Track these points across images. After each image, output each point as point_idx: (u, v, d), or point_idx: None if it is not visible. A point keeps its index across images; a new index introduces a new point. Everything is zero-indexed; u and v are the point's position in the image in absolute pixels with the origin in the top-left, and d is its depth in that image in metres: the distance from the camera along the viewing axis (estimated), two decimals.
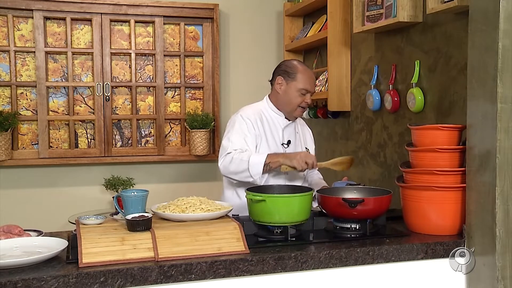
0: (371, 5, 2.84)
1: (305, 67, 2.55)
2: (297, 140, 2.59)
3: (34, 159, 3.85)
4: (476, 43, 1.87)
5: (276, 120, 2.54)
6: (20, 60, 3.86)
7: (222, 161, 2.35)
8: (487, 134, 1.81)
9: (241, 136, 2.39)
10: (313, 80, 2.52)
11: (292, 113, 2.52)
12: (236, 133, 2.40)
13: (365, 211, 1.98)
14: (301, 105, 2.49)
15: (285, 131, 2.54)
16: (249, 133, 2.41)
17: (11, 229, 1.87)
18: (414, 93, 2.61)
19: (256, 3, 4.26)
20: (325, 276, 1.81)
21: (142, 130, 4.14)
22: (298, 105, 2.48)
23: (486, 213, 1.82)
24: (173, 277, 1.63)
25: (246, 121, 2.43)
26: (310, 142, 2.72)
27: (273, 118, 2.54)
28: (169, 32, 4.13)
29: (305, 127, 2.75)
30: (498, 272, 1.78)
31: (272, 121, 2.53)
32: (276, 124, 2.53)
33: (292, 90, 2.47)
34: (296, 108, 2.49)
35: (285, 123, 2.55)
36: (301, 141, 2.62)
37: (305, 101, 2.48)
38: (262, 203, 1.89)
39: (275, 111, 2.54)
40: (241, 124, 2.43)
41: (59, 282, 1.52)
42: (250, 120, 2.44)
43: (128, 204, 1.84)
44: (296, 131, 2.61)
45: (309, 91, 2.49)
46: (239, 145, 2.36)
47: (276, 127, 2.53)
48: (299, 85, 2.46)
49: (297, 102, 2.48)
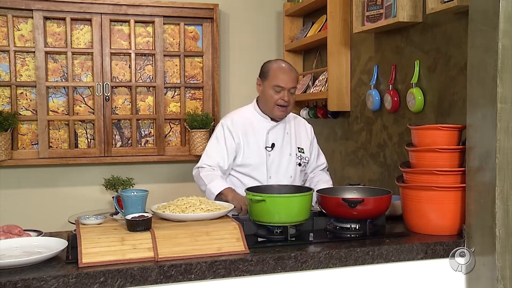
0: (371, 5, 2.84)
1: (281, 64, 2.50)
2: (285, 141, 2.56)
3: (34, 159, 3.85)
4: (476, 43, 1.87)
5: (261, 123, 2.54)
6: (20, 60, 3.86)
7: (194, 172, 2.54)
8: (487, 134, 1.81)
9: (217, 150, 2.50)
10: (288, 77, 2.44)
11: (272, 113, 2.50)
12: (213, 146, 2.52)
13: (365, 211, 1.98)
14: (278, 103, 2.45)
15: (271, 134, 2.53)
16: (226, 143, 2.48)
17: (11, 229, 1.87)
18: (414, 93, 2.61)
19: (256, 3, 4.26)
20: (325, 276, 1.81)
21: (142, 130, 4.14)
22: (274, 103, 2.45)
23: (486, 213, 1.82)
24: (173, 277, 1.63)
25: (225, 131, 2.50)
26: (305, 140, 2.66)
27: (259, 121, 2.54)
28: (169, 32, 4.13)
29: (301, 125, 2.69)
30: (498, 272, 1.78)
31: (257, 125, 2.53)
32: (261, 128, 2.52)
33: (267, 89, 2.46)
34: (273, 106, 2.46)
35: (271, 126, 2.54)
36: (291, 142, 2.58)
37: (281, 99, 2.43)
38: (262, 203, 1.89)
39: (261, 114, 2.55)
40: (220, 135, 2.51)
41: (59, 282, 1.52)
42: (230, 129, 2.50)
43: (128, 204, 1.84)
44: (286, 132, 2.58)
45: (283, 87, 2.43)
46: (212, 161, 2.49)
47: (261, 130, 2.52)
48: (272, 82, 2.44)
49: (273, 100, 2.45)
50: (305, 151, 2.62)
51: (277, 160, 2.52)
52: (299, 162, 2.58)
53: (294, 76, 2.48)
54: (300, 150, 2.61)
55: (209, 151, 2.52)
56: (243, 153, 2.49)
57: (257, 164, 2.50)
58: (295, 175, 2.56)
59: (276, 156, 2.52)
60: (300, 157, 2.59)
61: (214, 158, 2.50)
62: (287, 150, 2.55)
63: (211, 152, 2.52)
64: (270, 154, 2.51)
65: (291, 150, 2.56)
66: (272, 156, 2.52)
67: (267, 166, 2.51)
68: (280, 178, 2.52)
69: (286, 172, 2.54)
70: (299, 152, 2.59)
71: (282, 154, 2.54)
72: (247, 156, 2.50)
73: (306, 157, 2.62)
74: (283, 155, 2.54)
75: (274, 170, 2.52)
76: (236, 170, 2.54)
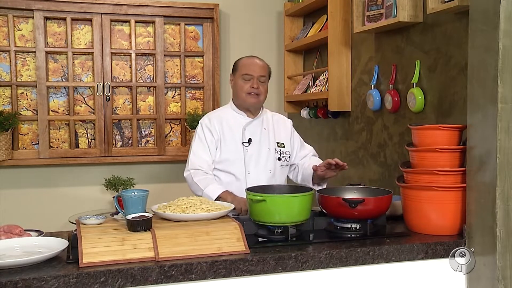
0: (371, 5, 2.84)
1: (249, 57, 2.60)
2: (263, 136, 2.58)
3: (34, 159, 3.85)
4: (477, 43, 1.87)
5: (237, 119, 2.59)
6: (20, 60, 3.86)
7: (186, 175, 2.54)
8: (487, 134, 1.81)
9: (202, 149, 2.55)
10: (256, 65, 2.53)
11: (245, 102, 2.55)
12: (197, 146, 2.56)
13: (366, 211, 1.98)
14: (248, 91, 2.51)
15: (247, 130, 2.56)
16: (207, 141, 2.55)
17: (12, 229, 1.87)
18: (415, 93, 2.61)
19: (257, 3, 4.26)
20: (325, 276, 1.81)
21: (143, 130, 4.14)
22: (245, 92, 2.51)
23: (486, 213, 1.82)
24: (173, 277, 1.63)
25: (204, 129, 2.57)
26: (285, 134, 2.66)
27: (235, 118, 2.59)
28: (169, 32, 4.13)
29: (279, 120, 2.71)
30: (498, 272, 1.78)
31: (234, 122, 2.58)
32: (237, 124, 2.57)
33: (238, 80, 2.55)
34: (245, 96, 2.52)
35: (247, 121, 2.58)
36: (269, 137, 2.59)
37: (251, 87, 2.50)
38: (262, 203, 1.89)
39: (236, 111, 2.61)
40: (200, 133, 2.58)
41: (60, 282, 1.52)
42: (208, 126, 2.57)
43: (129, 204, 1.84)
44: (264, 128, 2.60)
45: (251, 75, 2.51)
46: (200, 161, 2.52)
47: (237, 127, 2.57)
48: (241, 71, 2.53)
49: (243, 89, 2.52)
50: (286, 146, 2.63)
51: (255, 155, 2.55)
52: (279, 157, 2.59)
53: (262, 65, 2.56)
54: (280, 144, 2.62)
55: (196, 151, 2.57)
56: (220, 149, 2.55)
57: (235, 159, 2.53)
58: (274, 170, 2.57)
59: (254, 151, 2.55)
60: (279, 151, 2.60)
61: (201, 157, 2.54)
62: (265, 145, 2.57)
63: (197, 151, 2.56)
64: (248, 150, 2.54)
65: (269, 145, 2.58)
66: (250, 151, 2.54)
67: (245, 161, 2.53)
68: (259, 173, 2.53)
69: (265, 167, 2.55)
70: (279, 147, 2.61)
71: (260, 149, 2.56)
72: (224, 151, 2.54)
73: (286, 151, 2.62)
74: (261, 150, 2.56)
75: (253, 165, 2.54)
76: (214, 167, 2.56)
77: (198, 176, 2.48)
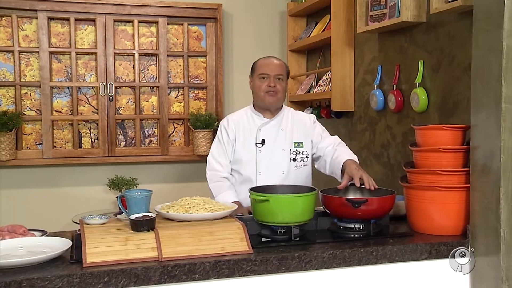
0: (374, 5, 2.84)
1: (266, 57, 2.64)
2: (279, 137, 2.57)
3: (38, 159, 3.86)
4: (480, 43, 1.86)
5: (253, 120, 2.62)
6: (24, 60, 3.87)
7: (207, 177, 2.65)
8: (491, 134, 1.80)
9: (220, 149, 2.63)
10: (272, 64, 2.56)
11: (264, 103, 2.57)
12: (215, 146, 2.66)
13: (369, 211, 1.98)
14: (265, 90, 2.54)
15: (262, 131, 2.58)
16: (224, 142, 2.62)
17: (16, 229, 1.87)
18: (418, 93, 2.60)
19: (260, 3, 4.26)
20: (328, 276, 1.81)
21: (146, 130, 4.14)
22: (263, 91, 2.54)
23: (490, 213, 1.81)
24: (176, 277, 1.63)
25: (222, 131, 2.64)
26: (304, 133, 2.61)
27: (253, 118, 2.62)
28: (172, 32, 4.14)
29: (301, 118, 2.66)
30: (502, 272, 1.77)
31: (250, 122, 2.61)
32: (252, 125, 2.61)
33: (256, 80, 2.58)
34: (263, 95, 2.55)
35: (262, 122, 2.60)
36: (286, 137, 2.58)
37: (267, 85, 2.53)
38: (266, 203, 1.89)
39: (254, 112, 2.64)
40: (219, 134, 2.66)
41: (63, 281, 1.52)
42: (226, 128, 2.63)
43: (132, 204, 1.85)
44: (281, 128, 2.59)
45: (267, 73, 2.53)
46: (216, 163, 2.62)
47: (252, 127, 2.60)
48: (258, 71, 2.57)
49: (261, 88, 2.55)
50: (304, 145, 2.60)
51: (267, 156, 2.55)
52: (294, 157, 2.58)
53: (278, 63, 2.58)
54: (297, 145, 2.60)
55: (213, 152, 2.65)
56: (235, 149, 2.59)
57: (247, 160, 2.56)
58: (288, 171, 2.56)
59: (267, 152, 2.55)
60: (295, 152, 2.59)
61: (217, 158, 2.62)
62: (279, 146, 2.57)
63: (214, 152, 2.65)
64: (261, 151, 2.55)
65: (284, 146, 2.57)
66: (263, 152, 2.55)
67: (256, 162, 2.55)
68: (270, 174, 2.53)
69: (278, 168, 2.55)
70: (296, 147, 2.59)
71: (273, 150, 2.56)
72: (238, 152, 2.58)
73: (304, 151, 2.60)
74: (274, 151, 2.56)
75: (264, 166, 2.54)
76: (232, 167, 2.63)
77: (213, 182, 2.60)
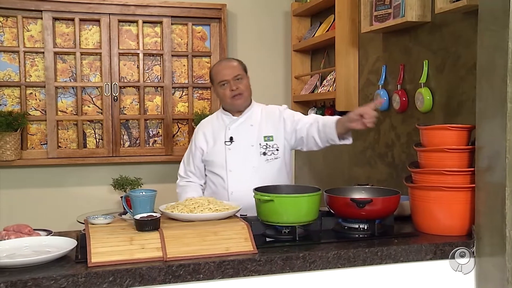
0: (379, 4, 2.83)
1: (219, 62, 2.73)
2: (249, 133, 2.59)
3: (43, 159, 3.88)
4: (485, 42, 1.86)
5: (224, 121, 2.67)
6: (29, 61, 3.88)
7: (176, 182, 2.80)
8: (496, 134, 1.80)
9: (188, 155, 2.75)
10: (227, 67, 2.58)
11: (234, 107, 2.62)
12: (186, 153, 2.78)
13: (373, 211, 1.97)
14: (230, 96, 2.57)
15: (231, 129, 2.62)
16: (191, 148, 2.72)
17: (21, 229, 1.88)
18: (423, 93, 2.60)
19: (264, 3, 4.26)
20: (333, 276, 1.81)
21: (150, 130, 4.15)
22: (229, 97, 2.58)
23: (495, 213, 1.81)
24: (181, 277, 1.63)
25: (195, 135, 2.73)
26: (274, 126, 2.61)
27: (223, 119, 2.68)
28: (176, 32, 4.14)
29: (271, 112, 2.66)
30: (508, 273, 1.76)
31: (220, 123, 2.67)
32: (221, 125, 2.66)
33: (218, 89, 2.62)
34: (230, 101, 2.59)
35: (230, 121, 2.64)
36: (255, 133, 2.59)
37: (230, 90, 2.56)
38: (270, 203, 1.89)
39: (223, 112, 2.69)
40: (193, 139, 2.74)
41: (69, 281, 1.53)
42: (195, 134, 2.73)
43: (137, 204, 1.85)
44: (251, 124, 2.62)
45: (226, 79, 2.55)
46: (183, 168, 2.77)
47: (221, 127, 2.65)
48: (217, 80, 2.60)
49: (225, 95, 2.59)
50: (274, 138, 2.60)
51: (237, 153, 2.58)
52: (264, 152, 2.59)
53: (233, 65, 2.61)
54: (267, 138, 2.61)
55: (184, 158, 2.79)
56: (207, 152, 2.65)
57: (218, 160, 2.61)
58: (258, 165, 2.56)
59: (236, 149, 2.58)
60: (265, 146, 2.60)
61: (184, 163, 2.76)
62: (248, 142, 2.59)
63: (184, 158, 2.78)
64: (230, 148, 2.59)
65: (253, 141, 2.59)
66: (232, 150, 2.59)
67: (226, 160, 2.58)
68: (241, 170, 2.55)
69: (249, 163, 2.56)
70: (265, 141, 2.61)
71: (242, 146, 2.58)
72: (210, 154, 2.64)
73: (274, 145, 2.61)
74: (243, 147, 2.58)
75: (234, 163, 2.57)
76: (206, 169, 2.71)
77: (178, 188, 2.75)
